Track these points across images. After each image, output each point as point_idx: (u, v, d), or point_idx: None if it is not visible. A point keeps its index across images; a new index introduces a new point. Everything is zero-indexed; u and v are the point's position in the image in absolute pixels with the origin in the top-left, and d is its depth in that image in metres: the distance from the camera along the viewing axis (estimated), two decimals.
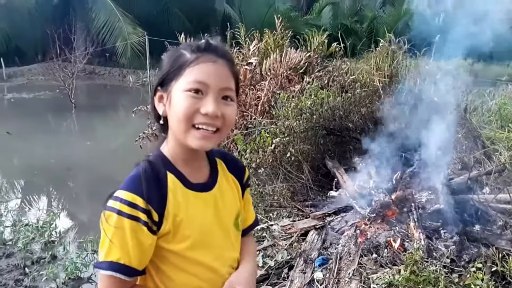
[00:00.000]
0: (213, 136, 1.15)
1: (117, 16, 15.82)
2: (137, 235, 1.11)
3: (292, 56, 7.25)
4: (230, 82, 1.18)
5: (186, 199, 1.19)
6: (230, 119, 1.17)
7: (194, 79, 1.13)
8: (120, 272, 1.11)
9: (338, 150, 5.46)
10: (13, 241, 4.37)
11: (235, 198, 1.35)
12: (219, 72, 1.15)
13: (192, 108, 1.12)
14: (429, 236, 3.59)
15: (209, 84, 1.13)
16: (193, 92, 1.12)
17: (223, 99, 1.16)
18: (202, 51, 1.15)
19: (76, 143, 9.01)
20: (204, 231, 1.22)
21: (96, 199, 5.77)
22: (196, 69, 1.13)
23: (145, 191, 1.11)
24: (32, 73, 16.98)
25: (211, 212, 1.24)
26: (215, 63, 1.15)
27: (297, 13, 17.21)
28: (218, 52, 1.17)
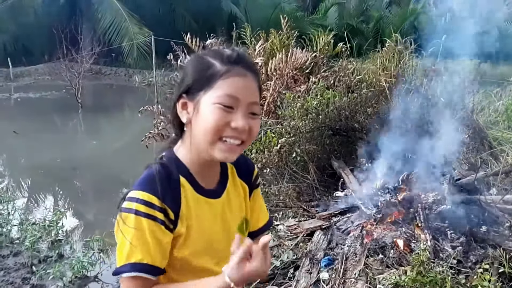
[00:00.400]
0: (238, 148, 1.16)
1: (123, 16, 15.87)
2: (156, 234, 1.11)
3: (298, 56, 7.25)
4: (257, 97, 1.18)
5: (197, 204, 1.20)
6: (256, 132, 1.17)
7: (226, 93, 1.12)
8: (145, 272, 1.11)
9: (344, 151, 5.45)
10: (20, 239, 4.40)
11: (241, 204, 1.34)
12: (249, 87, 1.15)
13: (222, 121, 1.11)
14: (435, 237, 3.57)
15: (240, 99, 1.12)
16: (224, 106, 1.11)
17: (251, 114, 1.15)
18: (233, 63, 1.14)
19: (83, 142, 9.05)
20: (212, 238, 1.23)
21: (102, 198, 5.81)
22: (228, 83, 1.12)
23: (160, 191, 1.12)
24: (39, 73, 17.07)
25: (219, 219, 1.25)
26: (246, 77, 1.15)
27: (303, 13, 17.20)
28: (247, 64, 1.17)
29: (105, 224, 5.02)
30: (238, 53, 1.16)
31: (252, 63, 1.20)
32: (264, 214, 1.45)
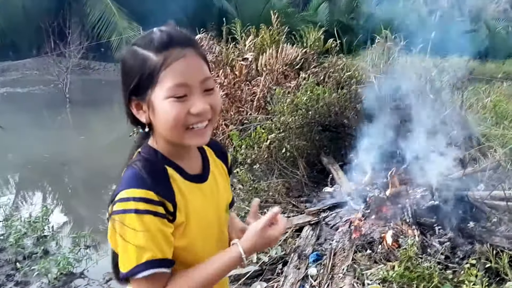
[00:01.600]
0: (207, 130, 1.13)
1: (112, 10, 15.70)
2: (161, 227, 1.08)
3: (288, 52, 7.24)
4: (205, 70, 1.11)
5: (190, 191, 1.17)
6: (218, 106, 1.14)
7: (173, 84, 1.06)
8: (161, 267, 1.08)
9: (334, 147, 5.45)
10: (4, 236, 4.33)
11: (226, 184, 1.36)
12: (192, 65, 1.08)
13: (181, 113, 1.07)
14: (423, 232, 3.58)
15: (189, 83, 1.07)
16: (176, 97, 1.06)
17: (205, 91, 1.10)
18: (166, 48, 1.06)
19: (70, 138, 8.95)
20: (207, 222, 1.22)
21: (90, 194, 5.74)
22: (170, 72, 1.06)
23: (152, 184, 1.08)
24: (27, 68, 16.84)
25: (210, 202, 1.23)
26: (185, 57, 1.07)
27: (294, 9, 17.16)
28: (182, 42, 1.08)
29: (93, 220, 4.98)
30: (167, 33, 1.08)
31: (186, 38, 1.10)
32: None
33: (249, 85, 6.77)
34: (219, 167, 1.34)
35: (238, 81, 6.85)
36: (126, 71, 1.12)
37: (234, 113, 6.31)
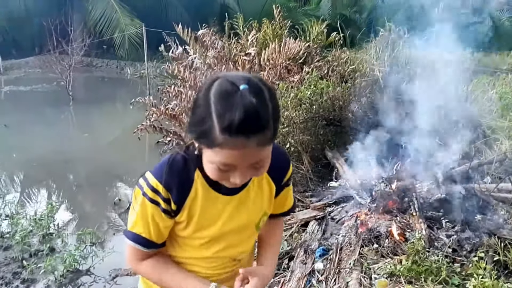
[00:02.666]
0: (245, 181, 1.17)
1: (114, 7, 15.68)
2: (155, 217, 1.23)
3: (291, 46, 7.19)
4: (257, 156, 1.09)
5: (207, 198, 1.24)
6: (265, 167, 1.15)
7: (220, 161, 1.08)
8: (141, 245, 1.27)
9: (338, 141, 5.42)
10: (10, 233, 4.33)
11: (263, 201, 1.34)
12: (247, 154, 1.06)
13: (220, 178, 1.14)
14: (430, 226, 3.56)
15: (236, 165, 1.09)
16: (220, 169, 1.10)
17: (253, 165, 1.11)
18: (231, 134, 1.01)
19: (74, 135, 8.95)
20: (216, 229, 1.28)
21: (94, 191, 5.74)
22: (223, 153, 1.05)
23: (167, 180, 1.19)
24: (29, 66, 16.86)
25: (230, 214, 1.28)
26: (244, 148, 1.04)
27: (296, 3, 17.08)
28: (249, 132, 1.02)
29: (97, 217, 4.98)
30: (241, 120, 0.99)
31: (256, 126, 1.02)
32: (290, 200, 1.48)
33: None
34: (263, 183, 1.32)
35: None
36: (195, 108, 1.09)
37: None
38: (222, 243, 1.31)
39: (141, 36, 13.93)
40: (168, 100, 6.29)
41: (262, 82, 1.08)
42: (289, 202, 1.47)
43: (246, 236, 1.36)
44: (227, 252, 1.34)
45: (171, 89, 6.09)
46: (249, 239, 1.39)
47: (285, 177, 1.37)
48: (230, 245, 1.33)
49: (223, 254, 1.34)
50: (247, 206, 1.29)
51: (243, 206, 1.29)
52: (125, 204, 5.18)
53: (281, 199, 1.42)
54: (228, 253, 1.35)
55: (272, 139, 1.08)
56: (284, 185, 1.38)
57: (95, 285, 3.62)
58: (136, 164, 6.54)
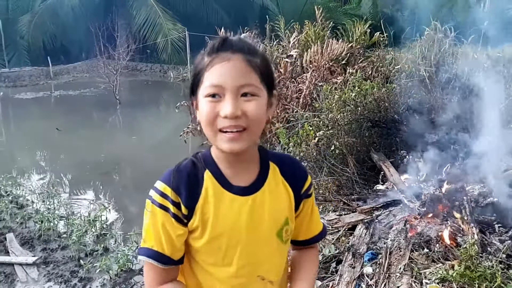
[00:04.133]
0: (241, 137, 1.10)
1: (157, 12, 16.08)
2: (166, 225, 1.15)
3: (333, 47, 7.17)
4: (248, 77, 1.09)
5: (219, 199, 1.17)
6: (254, 114, 1.09)
7: (209, 83, 1.09)
8: (154, 259, 1.16)
9: (384, 143, 5.35)
10: (67, 233, 4.55)
11: (283, 206, 1.25)
12: (234, 70, 1.09)
13: (212, 113, 1.09)
14: (482, 230, 3.47)
15: (224, 86, 1.08)
16: (210, 97, 1.09)
17: (243, 96, 1.09)
18: (216, 52, 1.10)
19: (123, 138, 9.26)
20: (233, 235, 1.18)
21: (142, 193, 5.92)
22: (211, 73, 1.10)
23: (175, 183, 1.15)
24: (77, 71, 17.54)
25: (246, 217, 1.18)
26: (229, 61, 1.09)
27: (336, 3, 16.94)
28: (233, 47, 1.10)
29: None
30: (223, 39, 1.12)
31: (241, 44, 1.11)
32: (317, 224, 1.37)
33: (294, 82, 6.76)
34: (280, 187, 1.25)
35: (283, 78, 6.86)
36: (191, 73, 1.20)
37: (280, 111, 6.32)
38: (244, 254, 1.20)
39: (183, 40, 14.25)
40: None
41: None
42: (316, 224, 1.37)
43: (270, 248, 1.24)
44: (252, 267, 1.22)
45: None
46: (275, 253, 1.26)
47: (304, 185, 1.29)
48: (254, 259, 1.22)
49: (249, 270, 1.22)
50: (264, 210, 1.20)
51: (260, 209, 1.19)
52: None
53: (305, 215, 1.32)
54: (254, 270, 1.23)
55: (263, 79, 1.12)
56: (304, 195, 1.29)
57: None
58: None
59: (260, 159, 1.24)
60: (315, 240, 1.37)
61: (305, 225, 1.34)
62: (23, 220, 4.83)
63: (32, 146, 8.49)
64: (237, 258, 1.19)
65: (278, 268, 1.28)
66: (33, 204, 5.40)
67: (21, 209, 5.13)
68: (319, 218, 1.38)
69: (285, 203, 1.25)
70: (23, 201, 5.46)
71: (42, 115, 11.11)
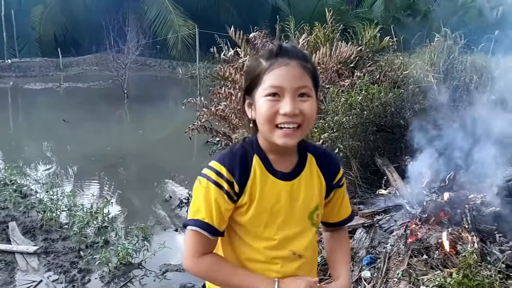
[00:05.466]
0: (295, 133, 1.25)
1: (168, 8, 16.15)
2: (218, 200, 1.29)
3: (342, 50, 7.13)
4: (304, 80, 1.25)
5: (265, 181, 1.33)
6: (309, 113, 1.25)
7: (270, 84, 1.24)
8: (204, 229, 1.30)
9: (389, 148, 5.33)
10: (69, 224, 4.58)
11: (315, 193, 1.41)
12: (292, 73, 1.24)
13: (271, 110, 1.23)
14: (483, 239, 3.46)
15: (283, 87, 1.23)
16: (270, 96, 1.24)
17: (300, 96, 1.24)
18: (275, 57, 1.25)
19: (129, 132, 9.31)
20: (273, 213, 1.34)
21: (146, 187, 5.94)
22: (271, 75, 1.24)
23: (229, 164, 1.30)
24: (87, 63, 17.65)
25: (285, 199, 1.35)
26: (288, 65, 1.24)
27: (348, 6, 16.91)
28: (289, 54, 1.26)
29: (148, 212, 5.16)
30: (280, 46, 1.27)
31: (295, 52, 1.27)
32: (345, 209, 1.53)
33: None
34: (314, 176, 1.41)
35: None
36: (245, 75, 1.37)
37: None
38: (280, 230, 1.36)
39: (193, 37, 14.27)
40: (218, 101, 6.42)
41: None
42: (345, 209, 1.53)
43: (302, 228, 1.40)
44: (286, 242, 1.37)
45: (221, 91, 6.21)
46: (306, 233, 1.41)
47: (336, 176, 1.45)
48: (288, 236, 1.37)
49: (283, 244, 1.37)
50: (300, 194, 1.37)
51: (296, 194, 1.36)
52: (175, 201, 5.34)
53: (336, 202, 1.49)
54: (288, 245, 1.38)
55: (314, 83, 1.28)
56: (335, 185, 1.45)
57: (146, 278, 3.76)
58: (186, 163, 6.72)
59: (298, 150, 1.39)
60: (344, 222, 1.55)
61: (336, 210, 1.51)
62: (26, 210, 4.88)
63: (39, 136, 8.56)
64: (274, 233, 1.36)
65: (308, 246, 1.42)
66: (37, 194, 5.46)
67: (24, 199, 5.18)
68: (348, 204, 1.55)
69: (317, 190, 1.41)
70: (27, 190, 5.51)
71: (50, 106, 11.19)
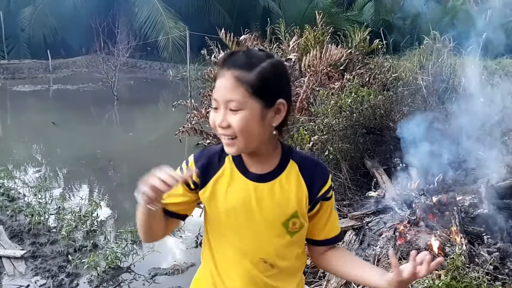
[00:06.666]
0: (234, 143, 1.25)
1: (159, 10, 16.08)
2: None
3: (332, 53, 7.16)
4: (234, 93, 1.22)
5: (233, 178, 1.33)
6: (238, 126, 1.22)
7: (212, 97, 1.27)
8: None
9: (378, 150, 5.36)
10: (57, 228, 4.53)
11: (292, 200, 1.33)
12: (224, 86, 1.23)
13: (212, 121, 1.27)
14: (471, 241, 3.48)
15: (217, 99, 1.25)
16: (213, 108, 1.27)
17: (230, 110, 1.23)
18: (220, 67, 1.25)
19: (119, 134, 9.25)
20: (242, 212, 1.32)
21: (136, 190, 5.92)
22: (215, 87, 1.27)
23: (197, 155, 1.38)
24: (77, 65, 17.52)
25: (255, 200, 1.32)
26: (222, 77, 1.24)
27: (338, 8, 16.97)
28: (229, 64, 1.24)
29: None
30: (229, 54, 1.27)
31: (237, 61, 1.24)
32: (332, 229, 1.44)
33: (292, 86, 6.75)
34: (293, 182, 1.34)
35: None
36: None
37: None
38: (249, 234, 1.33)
39: (184, 39, 14.24)
40: (208, 103, 6.41)
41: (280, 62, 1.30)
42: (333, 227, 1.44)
43: (273, 234, 1.34)
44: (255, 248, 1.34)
45: (212, 93, 6.19)
46: (280, 240, 1.35)
47: (322, 188, 1.36)
48: (257, 241, 1.33)
49: (252, 250, 1.34)
50: (273, 199, 1.32)
51: (270, 197, 1.32)
52: None
53: (322, 216, 1.41)
54: (257, 251, 1.34)
55: (255, 93, 1.21)
56: (321, 198, 1.37)
57: (135, 282, 3.74)
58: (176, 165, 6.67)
59: (282, 156, 1.36)
60: (331, 242, 1.46)
61: (322, 226, 1.43)
62: (14, 213, 4.82)
63: (28, 139, 8.48)
64: (243, 236, 1.34)
65: (281, 254, 1.37)
66: (25, 197, 5.39)
67: (12, 202, 5.12)
68: (337, 223, 1.47)
69: (295, 198, 1.34)
70: (14, 194, 5.44)
71: (39, 109, 11.09)
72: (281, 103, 1.26)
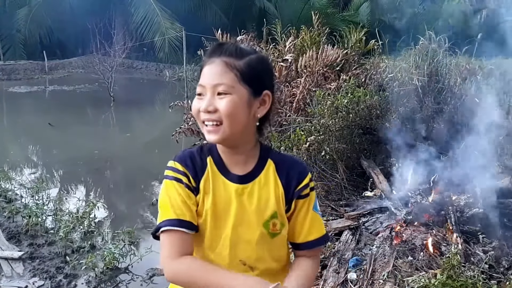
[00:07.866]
0: (217, 129, 1.24)
1: (155, 11, 16.08)
2: (182, 195, 1.27)
3: (328, 53, 7.19)
4: (223, 77, 1.23)
5: (217, 181, 1.31)
6: (225, 110, 1.22)
7: (198, 83, 1.27)
8: (178, 226, 1.25)
9: (374, 150, 5.38)
10: (54, 229, 4.54)
11: (271, 201, 1.32)
12: (213, 71, 1.24)
13: (196, 108, 1.27)
14: (466, 240, 3.51)
15: (204, 85, 1.25)
16: (198, 95, 1.27)
17: (218, 94, 1.23)
18: (208, 56, 1.27)
19: (115, 135, 9.25)
20: (223, 215, 1.31)
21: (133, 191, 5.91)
22: (201, 75, 1.27)
23: (184, 159, 1.31)
24: (73, 66, 17.51)
25: (236, 202, 1.31)
26: (211, 64, 1.25)
27: (334, 9, 17.00)
28: (218, 52, 1.26)
29: (135, 216, 5.14)
30: (217, 45, 1.29)
31: (228, 49, 1.26)
32: (313, 229, 1.37)
33: (288, 87, 6.78)
34: (271, 182, 1.33)
35: (278, 82, 6.87)
36: None
37: (273, 114, 6.32)
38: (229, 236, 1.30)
39: (180, 40, 14.23)
40: None
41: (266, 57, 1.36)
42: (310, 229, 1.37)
43: (255, 236, 1.31)
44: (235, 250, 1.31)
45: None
46: (260, 242, 1.31)
47: (299, 184, 1.34)
48: (237, 243, 1.30)
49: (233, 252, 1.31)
50: (252, 200, 1.31)
51: (249, 198, 1.31)
52: None
53: (298, 216, 1.36)
54: (237, 253, 1.31)
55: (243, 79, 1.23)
56: (296, 194, 1.34)
57: (132, 283, 3.75)
58: None
59: (260, 155, 1.36)
60: (309, 246, 1.38)
61: (299, 227, 1.37)
62: (11, 215, 4.82)
63: (24, 140, 8.48)
64: (223, 238, 1.31)
65: (260, 257, 1.34)
66: (22, 198, 5.39)
67: (9, 203, 5.12)
68: (319, 224, 1.39)
69: (273, 198, 1.33)
70: (12, 195, 5.44)
71: (35, 110, 11.08)
72: (267, 94, 1.29)
